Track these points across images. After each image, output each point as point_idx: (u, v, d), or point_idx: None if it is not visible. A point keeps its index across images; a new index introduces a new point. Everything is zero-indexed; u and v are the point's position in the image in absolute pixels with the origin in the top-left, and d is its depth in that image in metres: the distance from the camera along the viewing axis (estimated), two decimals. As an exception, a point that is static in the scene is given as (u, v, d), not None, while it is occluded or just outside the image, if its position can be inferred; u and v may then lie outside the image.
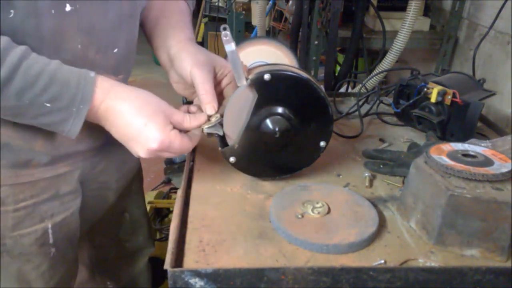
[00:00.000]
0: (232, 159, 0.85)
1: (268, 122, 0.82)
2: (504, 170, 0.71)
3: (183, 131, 0.77)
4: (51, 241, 0.87)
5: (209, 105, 0.80)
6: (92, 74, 0.71)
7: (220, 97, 0.86)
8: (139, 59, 0.94)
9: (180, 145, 0.74)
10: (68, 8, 0.70)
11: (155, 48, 0.91)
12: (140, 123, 0.71)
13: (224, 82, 0.87)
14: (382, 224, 0.76)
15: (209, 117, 0.81)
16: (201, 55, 0.83)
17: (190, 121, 0.77)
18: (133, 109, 0.72)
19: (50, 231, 0.86)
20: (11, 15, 0.65)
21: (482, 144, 0.82)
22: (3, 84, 0.63)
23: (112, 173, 1.00)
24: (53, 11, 0.69)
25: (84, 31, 0.74)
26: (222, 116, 0.82)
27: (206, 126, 0.80)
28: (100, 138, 0.90)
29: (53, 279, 0.90)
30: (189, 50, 0.83)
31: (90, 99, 0.69)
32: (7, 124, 0.75)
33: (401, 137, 1.12)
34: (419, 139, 1.09)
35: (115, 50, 0.81)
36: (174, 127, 0.75)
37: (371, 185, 0.88)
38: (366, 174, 0.90)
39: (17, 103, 0.66)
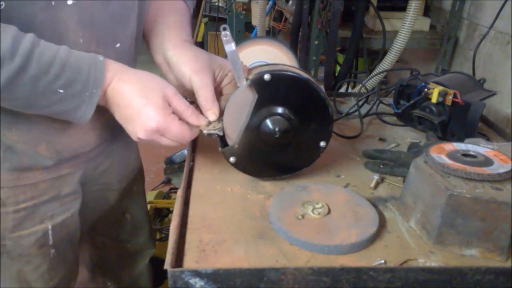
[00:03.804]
0: (232, 159, 0.85)
1: (268, 122, 0.82)
2: (502, 170, 0.71)
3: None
4: (51, 242, 0.87)
5: (210, 112, 0.80)
6: (101, 58, 0.72)
7: (221, 97, 0.85)
8: (139, 59, 0.94)
9: (178, 130, 0.75)
10: (69, 1, 0.70)
11: (151, 49, 0.91)
12: (139, 103, 0.73)
13: (224, 83, 0.86)
14: (382, 224, 0.76)
15: (210, 121, 0.81)
16: (199, 60, 0.82)
17: (190, 115, 0.77)
18: (135, 90, 0.73)
19: (50, 232, 0.86)
20: (2, 7, 0.65)
21: (489, 146, 0.81)
22: (18, 73, 0.63)
23: (113, 174, 1.00)
24: (53, 3, 0.68)
25: (86, 24, 0.74)
26: (221, 121, 0.83)
27: (206, 130, 0.80)
28: (102, 138, 0.90)
29: (53, 280, 0.90)
30: (187, 55, 0.83)
31: (102, 82, 0.71)
32: (11, 127, 0.75)
33: (401, 137, 1.12)
34: (420, 140, 1.09)
35: (117, 45, 0.81)
36: (174, 113, 0.75)
37: (375, 187, 0.88)
38: (375, 177, 0.89)
39: (32, 91, 0.66)
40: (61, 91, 0.68)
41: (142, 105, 0.72)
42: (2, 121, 0.74)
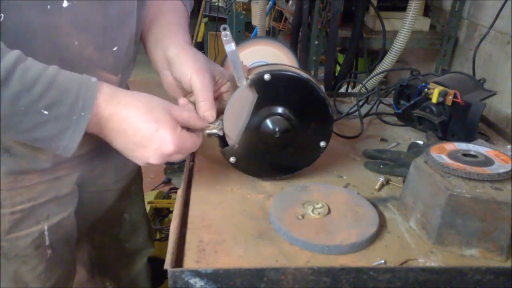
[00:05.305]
0: (232, 159, 0.85)
1: (268, 122, 0.82)
2: (502, 170, 0.71)
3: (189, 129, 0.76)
4: (47, 242, 0.86)
5: (208, 113, 0.79)
6: (93, 79, 0.67)
7: (218, 104, 0.85)
8: (139, 59, 0.94)
9: (191, 143, 0.73)
10: (65, 4, 0.68)
11: (148, 46, 0.89)
12: (150, 128, 0.68)
13: (222, 90, 0.86)
14: (382, 224, 0.76)
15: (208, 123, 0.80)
16: (202, 61, 0.82)
17: (197, 121, 0.76)
18: (140, 114, 0.69)
19: (46, 233, 0.85)
20: (1, 19, 0.63)
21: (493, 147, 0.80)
22: None
23: (110, 175, 1.00)
24: (49, 6, 0.67)
25: (81, 28, 0.72)
26: (221, 121, 0.83)
27: (206, 130, 0.80)
28: (99, 141, 0.90)
29: (50, 280, 0.90)
30: (189, 54, 0.82)
31: (92, 106, 0.65)
32: None
33: (402, 137, 1.12)
34: (421, 140, 1.09)
35: (115, 48, 0.79)
36: (182, 127, 0.73)
37: (380, 189, 0.88)
38: (381, 179, 0.89)
39: (12, 109, 0.60)
40: (45, 112, 0.62)
41: (155, 130, 0.68)
42: None
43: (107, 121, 0.68)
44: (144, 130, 0.69)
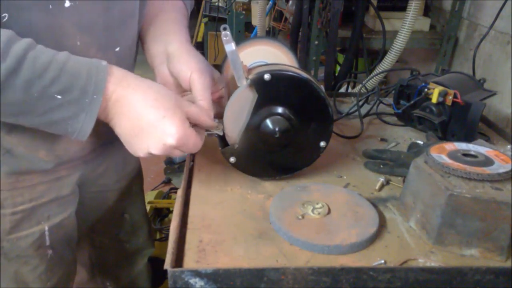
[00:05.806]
0: (232, 159, 0.85)
1: (268, 122, 0.82)
2: (502, 170, 0.71)
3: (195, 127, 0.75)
4: (48, 243, 0.86)
5: (207, 112, 0.79)
6: (104, 63, 0.67)
7: (216, 107, 0.85)
8: (139, 59, 0.94)
9: (194, 143, 0.72)
10: (67, 4, 0.68)
11: (147, 41, 0.88)
12: (156, 116, 0.67)
13: (221, 94, 0.87)
14: (382, 224, 0.76)
15: None
16: (203, 62, 0.82)
17: (206, 118, 0.75)
18: (148, 100, 0.68)
19: (47, 233, 0.86)
20: (5, 19, 0.63)
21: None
22: (9, 75, 0.59)
23: (111, 175, 1.00)
24: (51, 6, 0.67)
25: (84, 28, 0.72)
26: (220, 122, 0.83)
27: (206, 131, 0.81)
28: (100, 140, 0.90)
29: (51, 280, 0.90)
30: (191, 54, 0.82)
31: (103, 89, 0.65)
32: (10, 131, 0.75)
33: (402, 137, 1.12)
34: (421, 140, 1.09)
35: (117, 49, 0.80)
36: (190, 123, 0.72)
37: (380, 189, 0.88)
38: (381, 179, 0.89)
39: (25, 96, 0.61)
40: (59, 97, 0.63)
41: (161, 117, 0.67)
42: (2, 125, 0.74)
43: (113, 104, 0.68)
44: (150, 115, 0.67)
